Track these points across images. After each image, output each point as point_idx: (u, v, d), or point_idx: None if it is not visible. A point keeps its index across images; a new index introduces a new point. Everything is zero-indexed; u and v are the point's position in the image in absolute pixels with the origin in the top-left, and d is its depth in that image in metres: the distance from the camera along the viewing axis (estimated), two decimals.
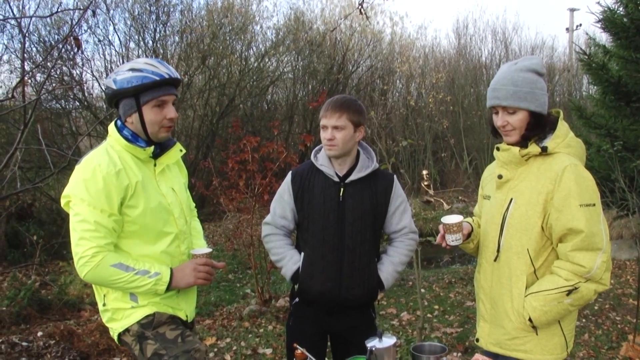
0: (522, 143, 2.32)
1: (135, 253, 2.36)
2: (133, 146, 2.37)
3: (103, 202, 2.23)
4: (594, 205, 2.19)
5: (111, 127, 2.42)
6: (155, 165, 2.47)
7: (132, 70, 2.31)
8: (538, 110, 2.26)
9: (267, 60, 15.67)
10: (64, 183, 11.97)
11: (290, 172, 2.86)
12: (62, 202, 2.32)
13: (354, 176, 2.72)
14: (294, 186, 2.78)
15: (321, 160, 2.76)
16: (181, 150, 2.59)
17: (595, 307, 6.00)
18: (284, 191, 2.82)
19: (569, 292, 2.18)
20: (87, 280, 2.30)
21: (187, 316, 2.56)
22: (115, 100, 2.38)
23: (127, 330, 2.40)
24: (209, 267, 2.47)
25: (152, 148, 2.40)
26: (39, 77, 10.54)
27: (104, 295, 2.41)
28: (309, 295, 2.77)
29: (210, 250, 2.57)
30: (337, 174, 2.73)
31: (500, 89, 2.28)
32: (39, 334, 4.97)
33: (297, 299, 2.87)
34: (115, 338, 2.46)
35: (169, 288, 2.35)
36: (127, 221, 2.32)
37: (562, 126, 2.31)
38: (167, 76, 2.34)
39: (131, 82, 2.30)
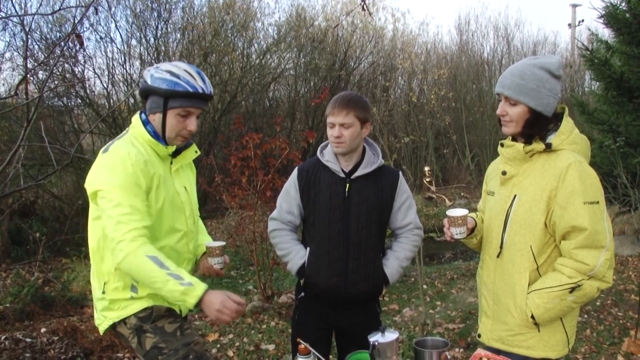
0: (527, 139, 2.32)
1: None
2: (156, 142, 2.38)
3: (134, 187, 2.23)
4: (598, 202, 2.18)
5: (136, 119, 2.42)
6: (171, 163, 2.49)
7: (170, 73, 2.33)
8: (538, 109, 2.25)
9: (268, 57, 15.65)
10: (66, 180, 11.95)
11: (296, 168, 2.87)
12: (89, 190, 2.29)
13: (359, 172, 2.73)
14: (300, 182, 2.79)
15: (327, 156, 2.77)
16: (196, 152, 2.60)
17: (597, 303, 6.00)
18: (290, 187, 2.83)
19: (572, 290, 2.18)
20: (122, 267, 2.20)
21: (180, 311, 2.57)
22: (146, 94, 2.40)
23: (123, 321, 2.40)
24: (239, 308, 2.22)
25: (173, 147, 2.43)
26: (41, 74, 10.56)
27: (105, 284, 2.39)
28: (315, 289, 2.79)
29: (224, 243, 2.58)
30: (343, 170, 2.74)
31: (508, 78, 2.29)
32: (43, 330, 4.99)
33: (302, 294, 2.89)
34: (105, 327, 2.43)
35: (197, 305, 2.18)
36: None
37: (567, 123, 2.31)
38: (200, 91, 2.36)
39: (164, 84, 2.32)
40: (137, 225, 2.20)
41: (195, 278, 2.22)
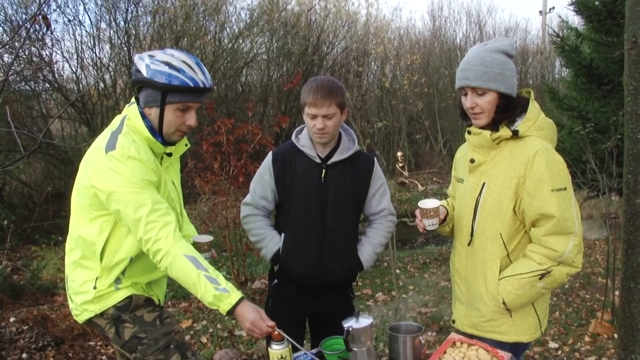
0: (493, 126, 2.31)
1: (129, 241, 2.28)
2: (154, 140, 2.28)
3: (149, 184, 2.17)
4: (566, 189, 2.20)
5: (134, 113, 2.28)
6: (162, 159, 2.40)
7: (168, 65, 2.19)
8: (507, 92, 2.24)
9: (241, 41, 15.47)
10: (35, 167, 11.65)
11: (270, 152, 2.82)
12: (103, 196, 2.17)
13: (335, 158, 2.70)
14: (275, 167, 2.75)
15: (303, 141, 2.74)
16: (186, 145, 2.52)
17: (566, 286, 6.12)
18: (265, 171, 2.78)
19: (542, 276, 2.21)
20: (162, 266, 2.14)
21: (159, 300, 2.55)
22: (140, 85, 2.27)
23: (102, 312, 2.36)
24: (269, 330, 2.19)
25: (171, 148, 2.36)
26: (6, 57, 10.28)
27: (97, 279, 2.33)
28: (290, 276, 2.78)
29: (211, 238, 2.56)
30: (319, 155, 2.71)
31: (470, 70, 2.25)
32: (12, 319, 4.90)
33: (276, 280, 2.87)
34: (84, 318, 2.39)
35: (230, 312, 2.15)
36: None
37: (534, 108, 2.30)
38: (201, 84, 2.24)
39: (162, 78, 2.18)
40: (167, 220, 2.15)
41: (231, 285, 2.18)
